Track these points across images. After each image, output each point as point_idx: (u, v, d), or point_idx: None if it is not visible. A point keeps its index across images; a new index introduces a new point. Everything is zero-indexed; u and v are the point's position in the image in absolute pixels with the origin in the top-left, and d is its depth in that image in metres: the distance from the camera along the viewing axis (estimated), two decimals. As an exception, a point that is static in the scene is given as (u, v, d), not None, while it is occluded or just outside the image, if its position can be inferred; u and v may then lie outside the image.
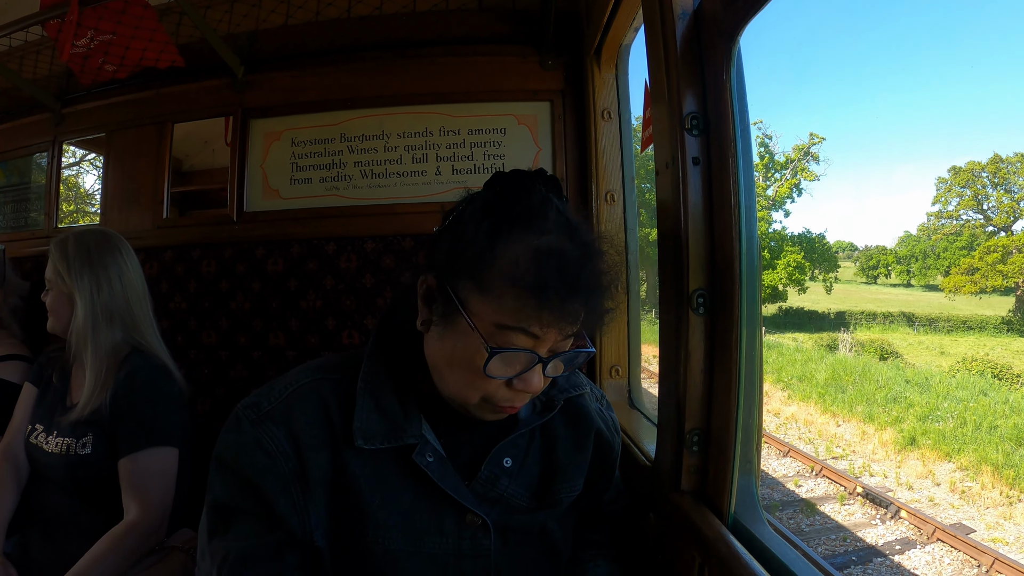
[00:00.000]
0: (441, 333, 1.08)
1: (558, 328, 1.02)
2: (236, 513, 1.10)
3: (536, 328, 1.01)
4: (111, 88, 2.96)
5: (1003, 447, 13.19)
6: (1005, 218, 46.71)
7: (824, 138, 47.07)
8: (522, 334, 1.01)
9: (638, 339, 2.50)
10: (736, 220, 1.20)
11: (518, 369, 1.05)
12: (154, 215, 2.89)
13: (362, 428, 1.11)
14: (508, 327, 1.01)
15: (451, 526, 1.15)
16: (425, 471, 1.12)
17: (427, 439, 1.15)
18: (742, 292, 1.20)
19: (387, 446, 1.12)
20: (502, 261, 1.01)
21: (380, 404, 1.14)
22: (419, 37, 2.73)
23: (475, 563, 1.16)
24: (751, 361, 1.22)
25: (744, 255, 1.20)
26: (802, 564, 1.05)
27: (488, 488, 1.19)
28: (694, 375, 1.29)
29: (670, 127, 1.31)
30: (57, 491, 1.98)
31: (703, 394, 1.30)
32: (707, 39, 1.28)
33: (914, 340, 37.31)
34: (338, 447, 1.12)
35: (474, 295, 1.02)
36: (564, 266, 1.00)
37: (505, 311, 1.00)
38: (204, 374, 2.76)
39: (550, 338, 1.04)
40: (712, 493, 1.28)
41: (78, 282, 2.00)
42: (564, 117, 2.64)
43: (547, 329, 1.01)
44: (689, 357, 1.29)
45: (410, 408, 1.16)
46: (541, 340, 1.03)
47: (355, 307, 2.67)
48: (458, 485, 1.15)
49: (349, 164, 2.72)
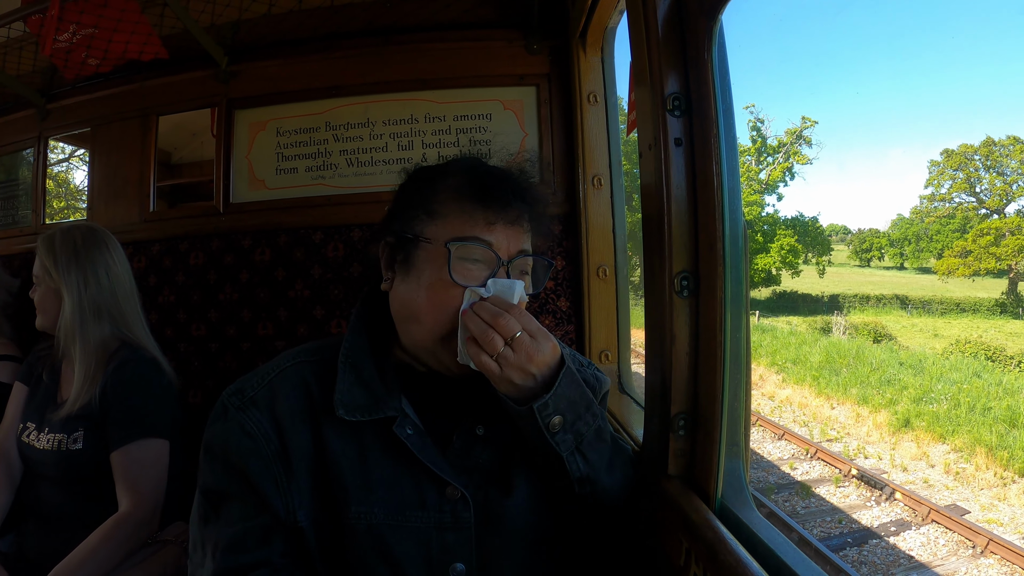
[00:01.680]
0: (404, 276, 1.19)
1: (505, 225, 1.17)
2: (225, 498, 1.13)
3: (485, 231, 1.16)
4: (95, 82, 2.93)
5: (997, 428, 13.26)
6: (998, 201, 46.93)
7: (816, 121, 47.18)
8: (475, 240, 1.15)
9: (627, 324, 2.50)
10: (719, 201, 1.19)
11: (483, 277, 1.16)
12: (141, 208, 2.87)
13: (343, 400, 1.14)
14: (461, 237, 1.14)
15: (432, 499, 1.16)
16: (405, 443, 1.14)
17: (406, 412, 1.18)
18: (726, 274, 1.19)
19: (368, 418, 1.14)
20: (443, 187, 1.20)
21: (361, 377, 1.18)
22: (403, 23, 2.70)
23: (456, 535, 1.16)
24: (736, 344, 1.21)
25: (728, 236, 1.19)
26: (788, 548, 1.05)
27: (463, 457, 1.21)
28: (679, 358, 1.28)
29: (652, 108, 1.30)
30: (51, 486, 1.98)
31: (688, 377, 1.29)
32: (688, 19, 1.27)
33: (907, 323, 37.58)
34: (318, 424, 1.15)
35: (427, 225, 1.18)
36: (495, 174, 1.21)
37: (456, 223, 1.16)
38: (194, 366, 2.74)
39: (503, 243, 1.17)
40: (699, 477, 1.28)
41: (65, 277, 1.99)
42: (550, 101, 2.61)
43: (495, 230, 1.16)
44: (674, 340, 1.28)
45: (390, 382, 1.19)
46: (495, 245, 1.16)
47: (343, 296, 2.66)
48: (436, 458, 1.17)
49: (335, 153, 2.70)
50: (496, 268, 1.15)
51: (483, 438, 1.23)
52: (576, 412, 1.18)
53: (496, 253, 1.15)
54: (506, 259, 1.17)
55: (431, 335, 1.16)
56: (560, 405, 1.14)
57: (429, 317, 1.15)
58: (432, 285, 1.14)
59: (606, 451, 1.27)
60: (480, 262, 1.15)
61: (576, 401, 1.18)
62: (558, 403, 1.14)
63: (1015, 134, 49.66)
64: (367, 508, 1.13)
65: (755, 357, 20.84)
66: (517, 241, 1.19)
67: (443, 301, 1.14)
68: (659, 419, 1.34)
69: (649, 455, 1.40)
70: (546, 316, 2.56)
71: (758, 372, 19.64)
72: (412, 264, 1.17)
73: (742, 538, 1.07)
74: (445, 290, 1.13)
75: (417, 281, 1.16)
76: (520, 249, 1.20)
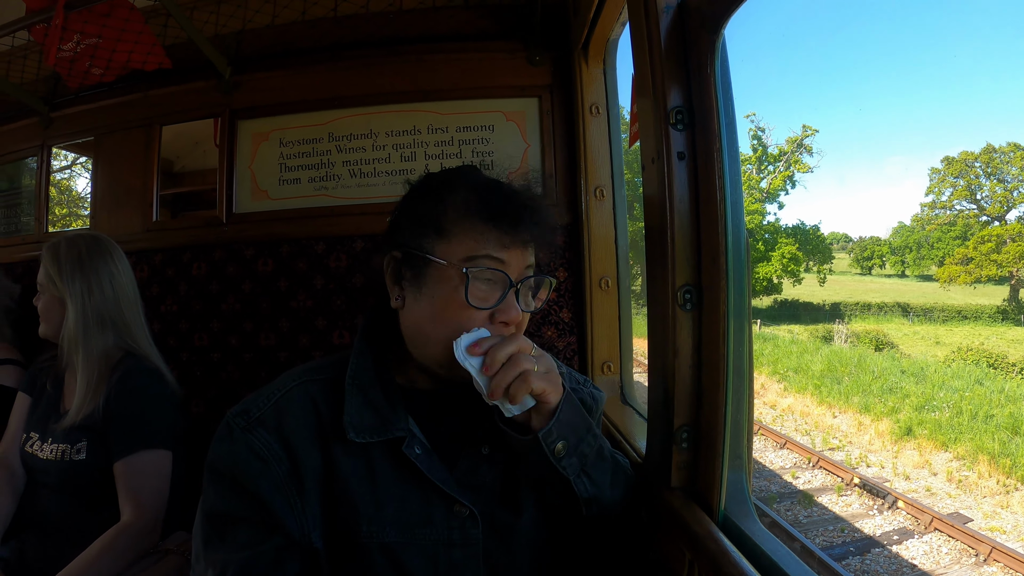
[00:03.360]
0: (416, 295, 1.18)
1: (517, 247, 1.17)
2: (232, 521, 1.11)
3: (498, 250, 1.15)
4: (99, 91, 2.94)
5: (999, 436, 13.23)
6: (999, 208, 46.88)
7: (817, 130, 47.23)
8: (489, 260, 1.14)
9: (629, 335, 2.50)
10: (722, 214, 1.20)
11: (496, 297, 1.15)
12: (144, 218, 2.87)
13: (352, 422, 1.14)
14: (474, 257, 1.14)
15: (440, 517, 1.17)
16: (415, 463, 1.15)
17: (414, 432, 1.18)
18: (729, 287, 1.19)
19: (377, 439, 1.14)
20: (453, 205, 1.17)
21: (368, 398, 1.17)
22: (405, 35, 2.71)
23: (464, 552, 1.17)
24: (740, 356, 1.21)
25: (731, 249, 1.20)
26: (792, 560, 1.05)
27: (470, 476, 1.22)
28: (682, 371, 1.29)
29: (655, 122, 1.31)
30: (53, 496, 1.97)
31: (692, 390, 1.30)
32: (691, 33, 1.28)
33: (909, 330, 37.48)
34: (328, 445, 1.15)
35: (437, 244, 1.16)
36: (505, 193, 1.19)
37: (467, 244, 1.14)
38: (196, 376, 2.74)
39: (514, 262, 1.17)
40: (702, 489, 1.28)
41: (70, 286, 1.99)
42: (552, 113, 2.62)
43: (508, 250, 1.16)
44: (677, 353, 1.28)
45: (396, 403, 1.19)
46: (507, 264, 1.16)
47: (345, 307, 2.66)
48: (445, 476, 1.18)
49: (337, 164, 2.70)
50: (507, 289, 1.15)
51: (489, 457, 1.24)
52: (578, 435, 1.20)
53: (507, 275, 1.15)
54: (517, 280, 1.17)
55: (444, 356, 1.14)
56: (563, 431, 1.17)
57: (445, 336, 1.14)
58: (446, 305, 1.14)
59: (608, 468, 1.29)
60: (492, 283, 1.15)
61: (578, 425, 1.21)
62: (561, 429, 1.16)
63: (1015, 140, 49.77)
64: (379, 527, 1.13)
65: (757, 366, 20.77)
66: (525, 261, 1.19)
67: (458, 321, 1.13)
68: (662, 431, 1.35)
69: (652, 467, 1.40)
70: (548, 327, 2.56)
71: (760, 381, 19.58)
72: (423, 283, 1.16)
73: (745, 550, 1.07)
74: (459, 310, 1.13)
75: (431, 301, 1.15)
76: (527, 265, 1.20)
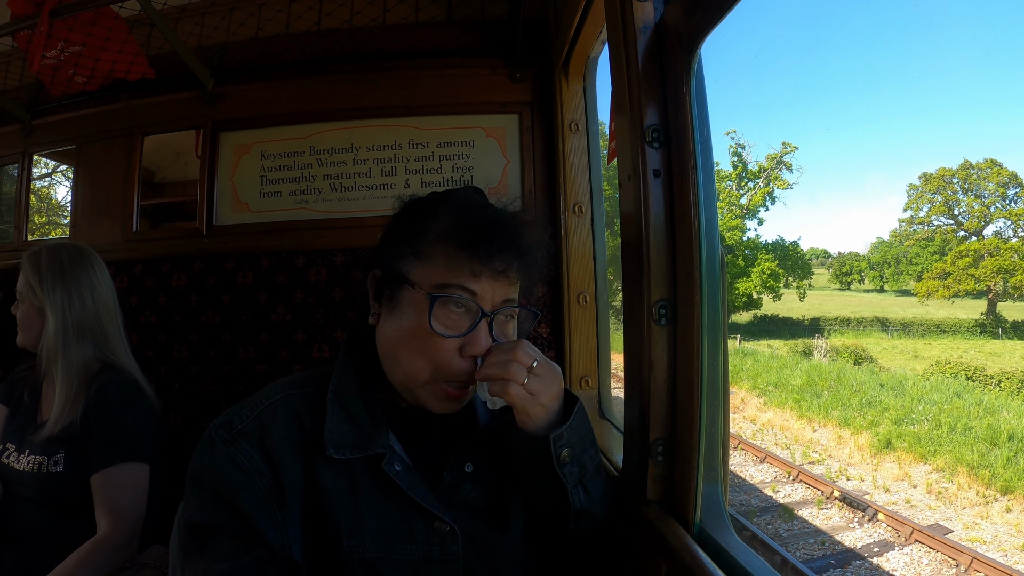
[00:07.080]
0: (389, 314, 1.18)
1: (491, 277, 1.14)
2: (213, 532, 1.10)
3: (471, 280, 1.13)
4: (81, 100, 2.93)
5: (978, 448, 13.36)
6: (976, 223, 47.49)
7: (796, 147, 47.71)
8: (459, 289, 1.12)
9: (607, 349, 2.51)
10: (696, 231, 1.22)
11: (465, 327, 1.14)
12: (124, 228, 2.87)
13: (333, 438, 1.13)
14: (446, 284, 1.12)
15: (421, 533, 1.16)
16: (395, 480, 1.14)
17: (394, 449, 1.18)
18: (703, 302, 1.21)
19: (357, 456, 1.14)
20: (433, 229, 1.17)
21: (349, 414, 1.17)
22: (389, 50, 2.73)
23: (444, 568, 1.16)
24: (714, 370, 1.23)
25: (705, 265, 1.21)
26: (766, 571, 1.06)
27: (452, 493, 1.21)
28: (657, 385, 1.30)
29: (632, 140, 1.33)
30: (30, 508, 1.95)
31: (667, 404, 1.31)
32: (668, 52, 1.30)
33: (888, 344, 37.83)
34: (311, 458, 1.14)
35: (414, 267, 1.15)
36: (487, 220, 1.16)
37: (441, 270, 1.13)
38: (175, 388, 2.73)
39: (487, 294, 1.15)
40: (678, 502, 1.29)
41: (50, 296, 1.98)
42: (532, 129, 2.65)
43: (481, 281, 1.13)
44: (652, 367, 1.30)
45: (378, 419, 1.19)
46: (479, 296, 1.14)
47: (325, 320, 2.66)
48: (426, 493, 1.17)
49: (319, 177, 2.71)
50: (479, 319, 1.14)
51: (472, 475, 1.23)
52: (583, 446, 1.21)
53: (479, 305, 1.14)
54: (490, 310, 1.15)
55: (410, 379, 1.15)
56: (572, 438, 1.17)
57: (408, 361, 1.14)
58: (414, 330, 1.13)
59: (602, 485, 1.30)
60: (464, 310, 1.14)
61: (584, 435, 1.21)
62: (571, 435, 1.17)
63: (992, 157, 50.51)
64: (358, 541, 1.12)
65: (736, 381, 20.85)
66: (503, 292, 1.17)
67: (423, 348, 1.13)
68: (638, 445, 1.36)
69: (629, 480, 1.41)
70: (527, 341, 2.55)
71: (739, 396, 19.66)
72: (396, 303, 1.16)
73: (720, 562, 1.08)
74: (426, 337, 1.12)
75: (399, 323, 1.15)
76: (506, 299, 1.18)
